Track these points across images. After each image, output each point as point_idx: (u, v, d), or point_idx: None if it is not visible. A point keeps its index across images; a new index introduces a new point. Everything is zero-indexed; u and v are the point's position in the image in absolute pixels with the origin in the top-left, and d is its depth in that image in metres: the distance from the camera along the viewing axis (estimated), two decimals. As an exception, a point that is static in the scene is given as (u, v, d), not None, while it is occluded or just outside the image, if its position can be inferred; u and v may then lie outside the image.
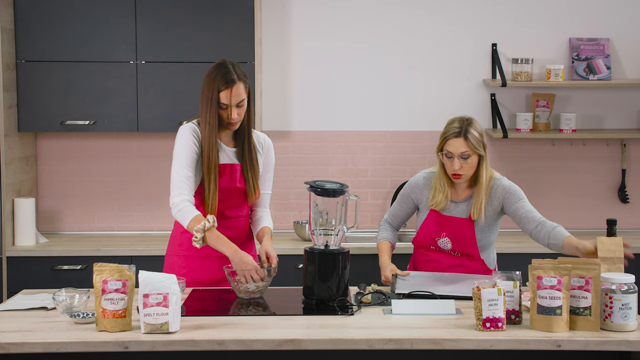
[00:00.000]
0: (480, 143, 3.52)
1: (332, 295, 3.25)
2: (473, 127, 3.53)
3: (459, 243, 3.61)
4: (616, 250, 3.13)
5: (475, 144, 3.50)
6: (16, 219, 4.74)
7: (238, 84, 3.44)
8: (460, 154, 3.51)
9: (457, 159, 3.51)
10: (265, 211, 3.71)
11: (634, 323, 2.91)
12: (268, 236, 3.59)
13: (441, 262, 3.67)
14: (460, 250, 3.62)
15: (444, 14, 5.18)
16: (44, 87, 4.81)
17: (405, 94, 5.20)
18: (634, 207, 5.25)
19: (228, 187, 3.53)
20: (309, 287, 3.28)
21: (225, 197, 3.54)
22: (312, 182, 3.36)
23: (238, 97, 3.44)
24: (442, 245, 3.64)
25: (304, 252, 3.33)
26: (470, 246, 3.60)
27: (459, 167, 3.51)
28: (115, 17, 4.78)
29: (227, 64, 3.47)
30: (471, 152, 3.51)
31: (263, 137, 3.70)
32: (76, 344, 2.80)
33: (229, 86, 3.42)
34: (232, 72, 3.44)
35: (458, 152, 3.51)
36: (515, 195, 3.60)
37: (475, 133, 3.52)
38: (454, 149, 3.52)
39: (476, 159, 3.54)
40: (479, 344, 2.82)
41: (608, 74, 5.06)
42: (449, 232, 3.62)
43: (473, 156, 3.52)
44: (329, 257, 3.27)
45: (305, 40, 5.17)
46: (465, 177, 3.56)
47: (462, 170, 3.52)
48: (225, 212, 3.57)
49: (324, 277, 3.26)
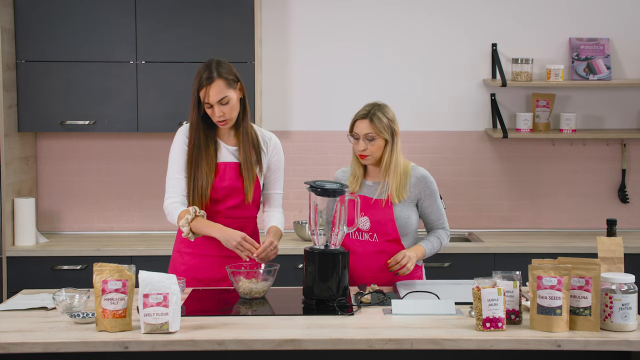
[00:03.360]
0: (387, 128, 3.60)
1: (332, 295, 3.25)
2: (381, 112, 3.62)
3: (377, 222, 3.61)
4: (616, 250, 3.13)
5: (379, 127, 3.59)
6: (16, 219, 4.74)
7: (217, 82, 3.42)
8: (365, 135, 3.60)
9: (363, 140, 3.61)
10: (275, 210, 3.71)
11: (634, 323, 2.91)
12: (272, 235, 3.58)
13: (364, 249, 3.63)
14: (378, 231, 3.62)
15: (444, 14, 5.18)
16: (44, 87, 4.81)
17: (405, 94, 5.20)
18: (634, 207, 5.25)
19: (222, 185, 3.53)
20: (309, 287, 3.28)
21: (222, 195, 3.54)
22: (312, 182, 3.36)
23: (218, 95, 3.43)
24: (361, 225, 3.64)
25: (303, 252, 3.33)
26: (389, 227, 3.61)
27: (363, 148, 3.61)
28: (115, 17, 4.79)
29: (211, 63, 3.48)
30: (375, 134, 3.59)
31: (269, 136, 3.69)
32: (76, 344, 2.80)
33: (205, 84, 3.43)
34: (211, 71, 3.44)
35: (363, 133, 3.61)
36: (432, 196, 3.68)
37: (383, 117, 3.61)
38: (359, 130, 3.62)
39: (382, 143, 3.61)
40: (479, 344, 2.82)
41: (608, 74, 5.06)
42: (367, 210, 3.64)
43: (378, 139, 3.60)
44: (328, 257, 3.27)
45: (305, 40, 5.17)
46: (372, 158, 3.63)
47: (367, 151, 3.61)
48: (226, 211, 3.57)
49: (324, 277, 3.26)
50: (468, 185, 5.23)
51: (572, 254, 4.00)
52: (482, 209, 5.25)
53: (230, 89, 3.46)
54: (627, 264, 3.31)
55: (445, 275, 4.57)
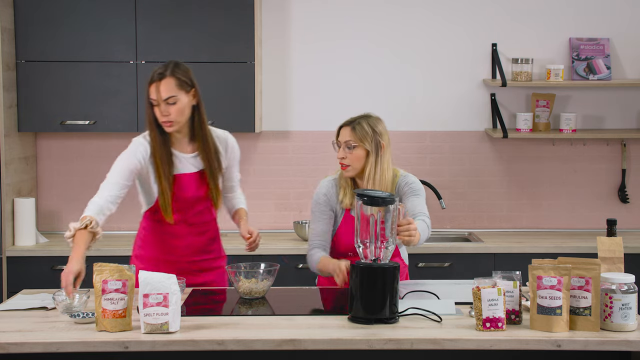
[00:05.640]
0: (369, 138, 3.51)
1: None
2: (367, 122, 3.54)
3: None
4: (616, 250, 3.13)
5: (360, 135, 3.51)
6: (16, 219, 4.74)
7: (167, 79, 3.39)
8: (345, 143, 3.53)
9: (343, 148, 3.54)
10: (238, 193, 3.77)
11: (634, 323, 2.91)
12: (245, 219, 3.65)
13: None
14: None
15: (444, 13, 5.18)
16: (44, 87, 4.81)
17: (405, 93, 5.20)
18: (634, 207, 5.25)
19: (185, 196, 3.52)
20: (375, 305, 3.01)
21: (187, 206, 3.54)
22: (360, 190, 3.12)
23: (165, 93, 3.38)
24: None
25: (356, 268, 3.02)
26: None
27: (342, 156, 3.53)
28: (115, 17, 4.78)
29: (168, 63, 3.45)
30: (355, 142, 3.51)
31: (223, 135, 3.66)
32: (76, 344, 2.80)
33: (156, 79, 3.39)
34: (165, 69, 3.41)
35: (343, 139, 3.54)
36: (413, 191, 3.55)
37: (366, 127, 3.53)
38: (341, 137, 3.56)
39: (362, 153, 3.52)
40: (479, 344, 2.82)
41: (608, 74, 5.06)
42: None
43: (359, 148, 3.51)
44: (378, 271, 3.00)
45: (305, 40, 5.17)
46: (352, 169, 3.53)
47: (346, 160, 3.52)
48: (190, 219, 3.57)
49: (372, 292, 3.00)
50: (468, 185, 5.23)
51: (572, 254, 4.00)
52: (482, 209, 5.25)
53: (181, 91, 3.41)
54: (627, 264, 3.30)
55: (445, 275, 4.57)
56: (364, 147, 3.52)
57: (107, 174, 3.53)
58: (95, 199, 3.44)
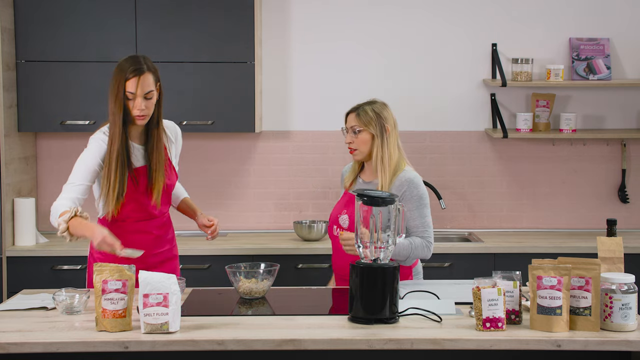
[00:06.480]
0: (374, 122, 3.63)
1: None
2: (370, 107, 3.67)
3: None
4: (616, 250, 3.13)
5: (364, 120, 3.63)
6: (16, 219, 4.74)
7: (147, 74, 3.42)
8: (351, 128, 3.66)
9: (350, 133, 3.67)
10: (178, 184, 3.80)
11: (634, 323, 2.91)
12: (195, 207, 3.76)
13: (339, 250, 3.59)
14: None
15: (444, 13, 5.18)
16: (44, 87, 4.81)
17: (405, 93, 5.20)
18: (634, 207, 5.25)
19: (141, 189, 3.52)
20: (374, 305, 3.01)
21: (143, 199, 3.54)
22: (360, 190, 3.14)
23: (146, 87, 3.42)
24: (341, 222, 3.65)
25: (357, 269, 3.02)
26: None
27: (349, 141, 3.67)
28: (115, 17, 4.78)
29: (138, 56, 3.47)
30: (360, 126, 3.63)
31: (172, 126, 3.70)
32: (76, 344, 2.80)
33: (136, 74, 3.41)
34: (142, 63, 3.43)
35: (349, 125, 3.68)
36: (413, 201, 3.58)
37: (370, 111, 3.65)
38: (348, 123, 3.70)
39: (368, 137, 3.64)
40: (479, 344, 2.82)
41: (608, 74, 5.06)
42: (348, 208, 3.64)
43: (364, 132, 3.64)
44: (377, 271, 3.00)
45: (305, 40, 5.17)
46: (359, 153, 3.66)
47: (353, 145, 3.66)
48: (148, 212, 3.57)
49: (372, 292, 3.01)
50: (468, 185, 5.23)
51: (572, 254, 4.00)
52: (482, 209, 5.25)
53: (156, 85, 3.48)
54: (627, 264, 3.31)
55: (445, 275, 4.57)
56: (369, 131, 3.64)
57: (70, 176, 3.51)
58: (62, 201, 3.42)
